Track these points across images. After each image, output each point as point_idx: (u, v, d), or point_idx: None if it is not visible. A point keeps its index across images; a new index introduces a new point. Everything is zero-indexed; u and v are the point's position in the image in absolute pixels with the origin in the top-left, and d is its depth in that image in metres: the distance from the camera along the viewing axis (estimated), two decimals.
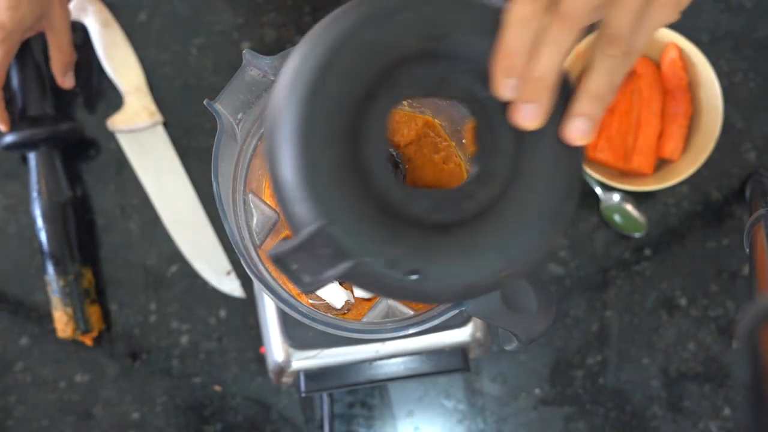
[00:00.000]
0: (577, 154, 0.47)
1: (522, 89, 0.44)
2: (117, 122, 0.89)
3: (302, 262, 0.43)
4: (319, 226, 0.42)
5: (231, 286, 0.88)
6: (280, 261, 0.43)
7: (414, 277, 0.44)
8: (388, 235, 0.44)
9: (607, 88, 0.45)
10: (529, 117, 0.44)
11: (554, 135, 0.46)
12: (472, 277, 0.45)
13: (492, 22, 0.45)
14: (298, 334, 0.70)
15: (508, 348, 0.57)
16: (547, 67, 0.43)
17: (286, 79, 0.44)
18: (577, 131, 0.45)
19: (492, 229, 0.46)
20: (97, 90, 0.92)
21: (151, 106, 0.90)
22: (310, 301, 0.59)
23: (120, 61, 0.90)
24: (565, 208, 0.46)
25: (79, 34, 0.91)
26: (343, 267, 0.43)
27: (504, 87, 0.44)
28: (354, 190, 0.44)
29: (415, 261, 0.44)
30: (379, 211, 0.44)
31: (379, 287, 0.45)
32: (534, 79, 0.43)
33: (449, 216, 0.46)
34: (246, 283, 0.88)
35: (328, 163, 0.43)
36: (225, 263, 0.88)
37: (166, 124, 0.91)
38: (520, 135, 0.46)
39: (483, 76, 0.46)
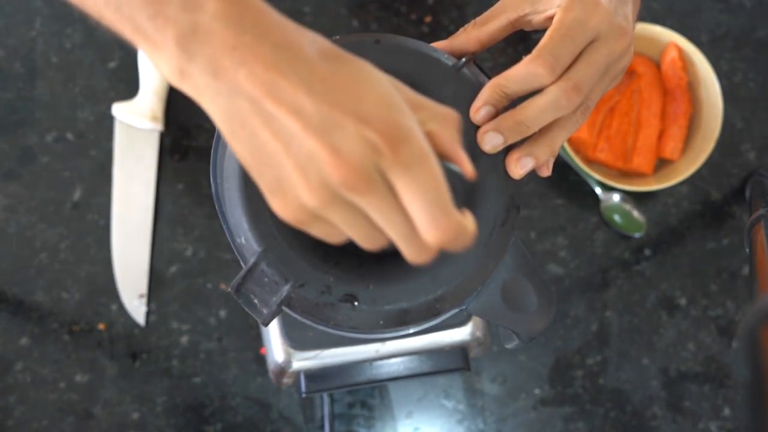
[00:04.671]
0: (512, 186, 0.50)
1: (502, 124, 0.48)
2: (121, 111, 0.89)
3: (255, 293, 0.47)
4: (259, 254, 0.47)
5: (137, 310, 0.87)
6: (239, 293, 0.47)
7: (348, 303, 0.48)
8: (321, 262, 0.48)
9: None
10: (490, 144, 0.48)
11: (491, 169, 0.49)
12: (406, 302, 0.49)
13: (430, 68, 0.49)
14: (298, 335, 0.70)
15: (508, 346, 0.57)
16: (535, 121, 0.47)
17: None
18: (523, 168, 0.49)
19: None
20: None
21: (158, 113, 0.89)
22: None
23: None
24: (501, 236, 0.50)
25: None
26: (283, 292, 0.47)
27: (481, 113, 0.48)
28: None
29: (347, 286, 0.48)
30: (318, 241, 0.49)
31: (317, 314, 0.49)
32: (517, 121, 0.47)
33: (387, 246, 0.50)
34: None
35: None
36: (143, 286, 0.88)
37: (164, 133, 0.90)
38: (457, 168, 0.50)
39: None
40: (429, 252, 0.39)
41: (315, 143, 0.34)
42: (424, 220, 0.37)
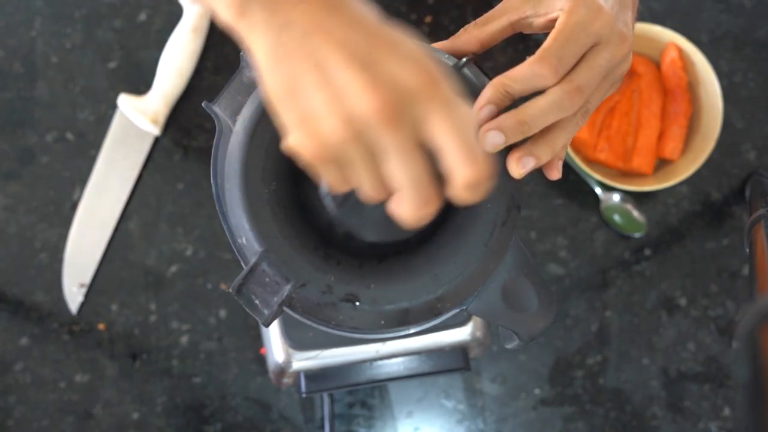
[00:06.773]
0: (512, 186, 0.50)
1: (503, 123, 0.47)
2: (126, 104, 0.89)
3: (256, 293, 0.47)
4: (260, 254, 0.47)
5: (73, 297, 0.87)
6: (240, 293, 0.47)
7: (349, 302, 0.48)
8: (322, 263, 0.48)
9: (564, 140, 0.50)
10: (491, 143, 0.47)
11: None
12: (407, 301, 0.49)
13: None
14: (298, 335, 0.70)
15: (508, 346, 0.57)
16: (537, 121, 0.47)
17: (238, 125, 0.50)
18: (524, 168, 0.49)
19: (426, 256, 0.50)
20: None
21: (161, 117, 0.89)
22: None
23: (173, 64, 0.89)
24: (501, 236, 0.50)
25: (174, 10, 0.92)
26: (284, 292, 0.47)
27: (483, 112, 0.48)
28: (293, 221, 0.49)
29: (348, 286, 0.48)
30: (319, 242, 0.49)
31: (318, 314, 0.49)
32: (519, 120, 0.47)
33: (387, 246, 0.50)
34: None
35: (266, 197, 0.48)
36: (87, 276, 0.88)
37: (161, 135, 0.90)
38: None
39: None
40: (432, 204, 0.39)
41: (355, 74, 0.36)
42: (459, 155, 0.37)
